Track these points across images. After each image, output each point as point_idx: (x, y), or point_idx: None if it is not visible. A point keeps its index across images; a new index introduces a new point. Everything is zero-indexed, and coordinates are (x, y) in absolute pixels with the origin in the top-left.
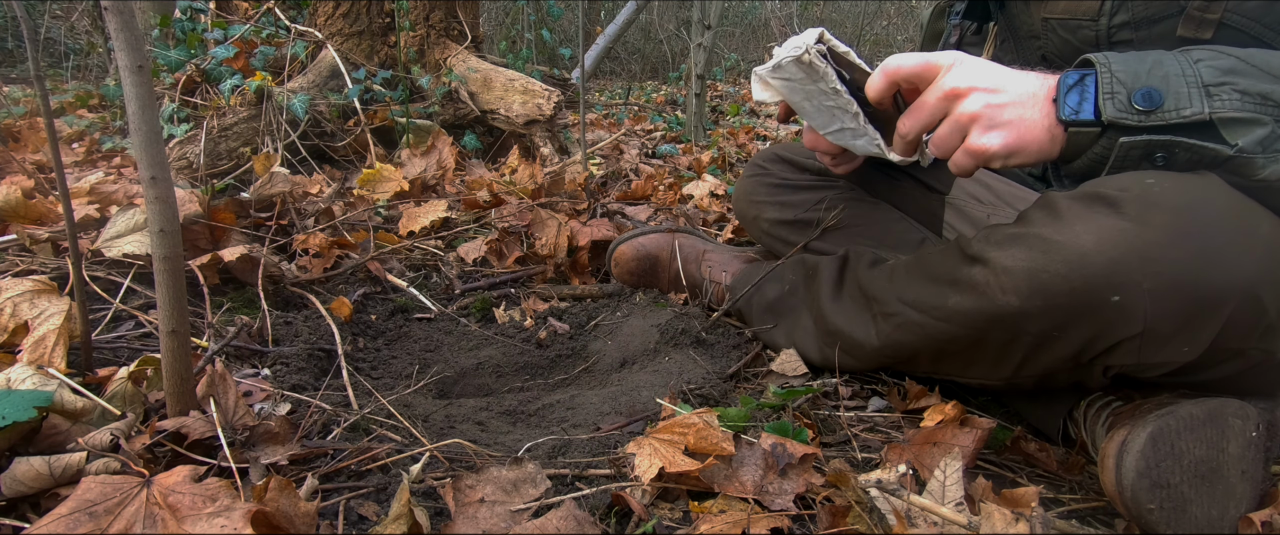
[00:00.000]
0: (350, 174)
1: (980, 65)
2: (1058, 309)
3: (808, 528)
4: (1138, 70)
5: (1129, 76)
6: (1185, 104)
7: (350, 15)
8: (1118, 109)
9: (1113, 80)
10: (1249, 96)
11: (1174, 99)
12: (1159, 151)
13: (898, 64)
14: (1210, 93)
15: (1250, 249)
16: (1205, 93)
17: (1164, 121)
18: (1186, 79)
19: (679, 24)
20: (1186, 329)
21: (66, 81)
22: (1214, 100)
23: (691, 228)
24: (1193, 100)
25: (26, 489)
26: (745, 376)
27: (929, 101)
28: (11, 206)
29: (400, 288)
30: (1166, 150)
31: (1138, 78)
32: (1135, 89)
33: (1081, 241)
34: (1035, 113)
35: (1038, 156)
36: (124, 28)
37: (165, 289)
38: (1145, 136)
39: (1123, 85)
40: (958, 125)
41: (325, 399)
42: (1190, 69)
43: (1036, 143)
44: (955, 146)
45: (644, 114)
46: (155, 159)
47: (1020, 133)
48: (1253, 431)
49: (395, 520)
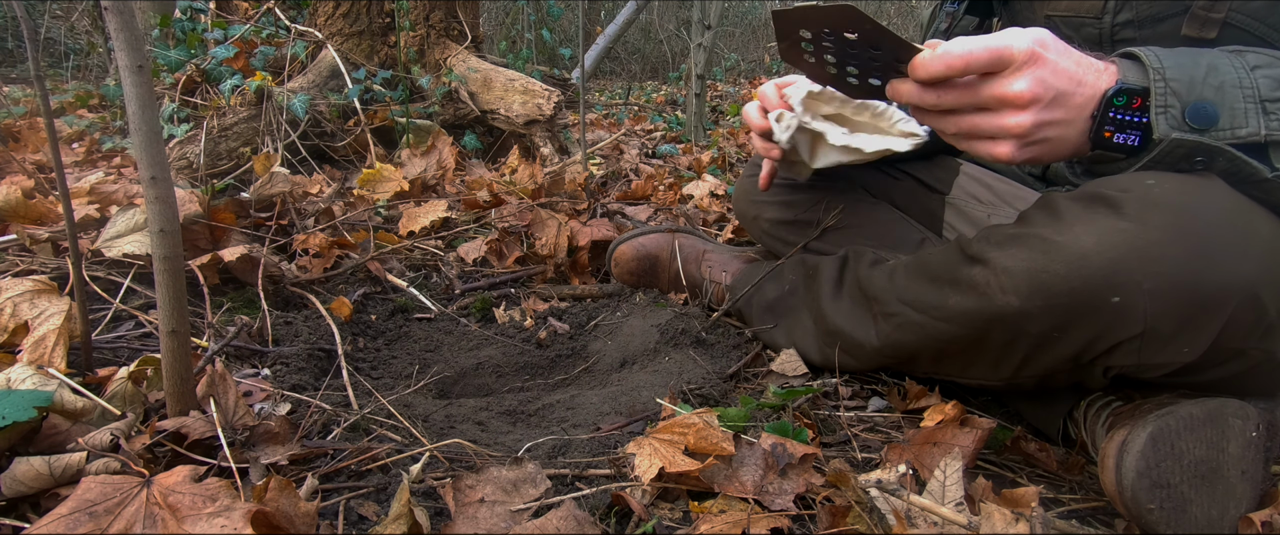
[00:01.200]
0: (350, 174)
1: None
2: (1058, 309)
3: (808, 528)
4: (1193, 77)
5: (1184, 87)
6: (1241, 123)
7: (350, 15)
8: (1170, 125)
9: (1167, 92)
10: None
11: (1229, 116)
12: (1200, 155)
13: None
14: (1267, 110)
15: (1250, 249)
16: (1262, 110)
17: (1216, 140)
18: (1244, 92)
19: (679, 24)
20: (1187, 329)
21: (66, 81)
22: (1272, 118)
23: (691, 228)
24: (1249, 118)
25: (26, 489)
26: (745, 376)
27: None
28: (11, 206)
29: (400, 288)
30: (1208, 155)
31: (1193, 87)
32: (1189, 102)
33: (1082, 242)
34: (1074, 131)
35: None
36: (124, 28)
37: (165, 289)
38: (1193, 137)
39: (1177, 98)
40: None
41: (325, 399)
42: (1248, 78)
43: (1064, 154)
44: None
45: (644, 114)
46: (155, 159)
47: (1053, 149)
48: (1253, 431)
49: (395, 520)
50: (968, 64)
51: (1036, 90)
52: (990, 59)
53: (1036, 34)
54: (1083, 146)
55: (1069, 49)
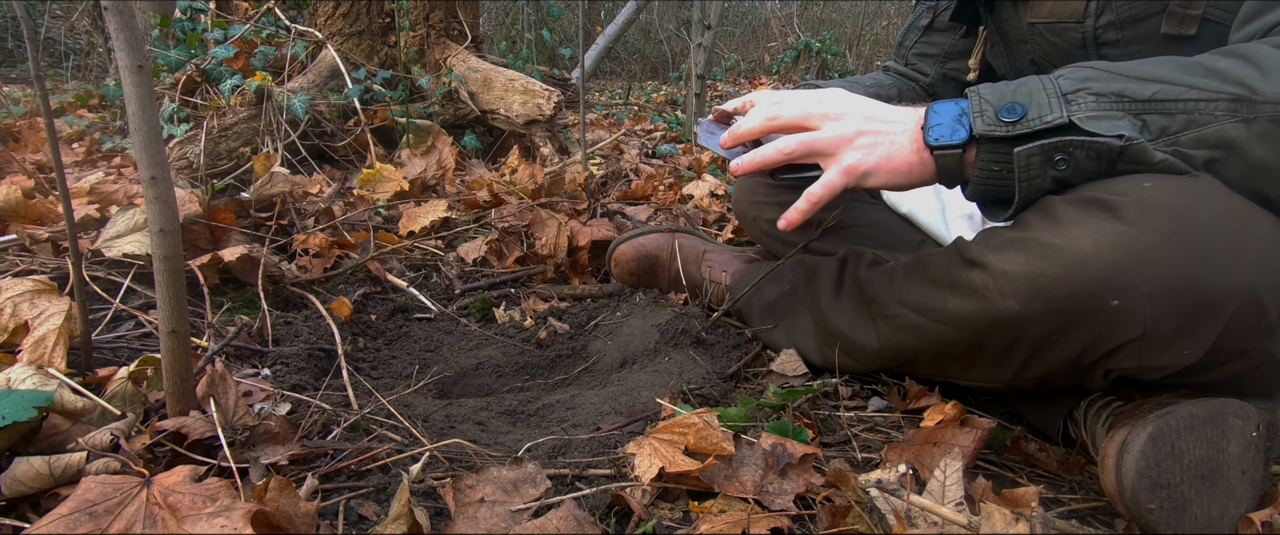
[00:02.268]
0: (350, 174)
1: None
2: (1057, 313)
3: (808, 528)
4: (1003, 91)
5: (996, 97)
6: (1047, 111)
7: (350, 15)
8: (986, 124)
9: (981, 101)
10: (1103, 97)
11: (1037, 109)
12: (1057, 154)
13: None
14: (1068, 99)
15: (1249, 251)
16: (1063, 100)
17: (1028, 128)
18: (1047, 91)
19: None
20: (1187, 332)
21: (66, 81)
22: (1071, 105)
23: (691, 228)
24: (1053, 108)
25: (26, 489)
26: (745, 376)
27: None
28: (11, 206)
29: (400, 288)
30: (1064, 151)
31: (1003, 97)
32: (1000, 105)
33: (1080, 246)
34: (904, 138)
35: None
36: (124, 28)
37: (165, 289)
38: (1040, 142)
39: (990, 104)
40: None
41: (325, 399)
42: (1051, 84)
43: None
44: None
45: (644, 114)
46: (155, 159)
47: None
48: (1253, 431)
49: (395, 520)
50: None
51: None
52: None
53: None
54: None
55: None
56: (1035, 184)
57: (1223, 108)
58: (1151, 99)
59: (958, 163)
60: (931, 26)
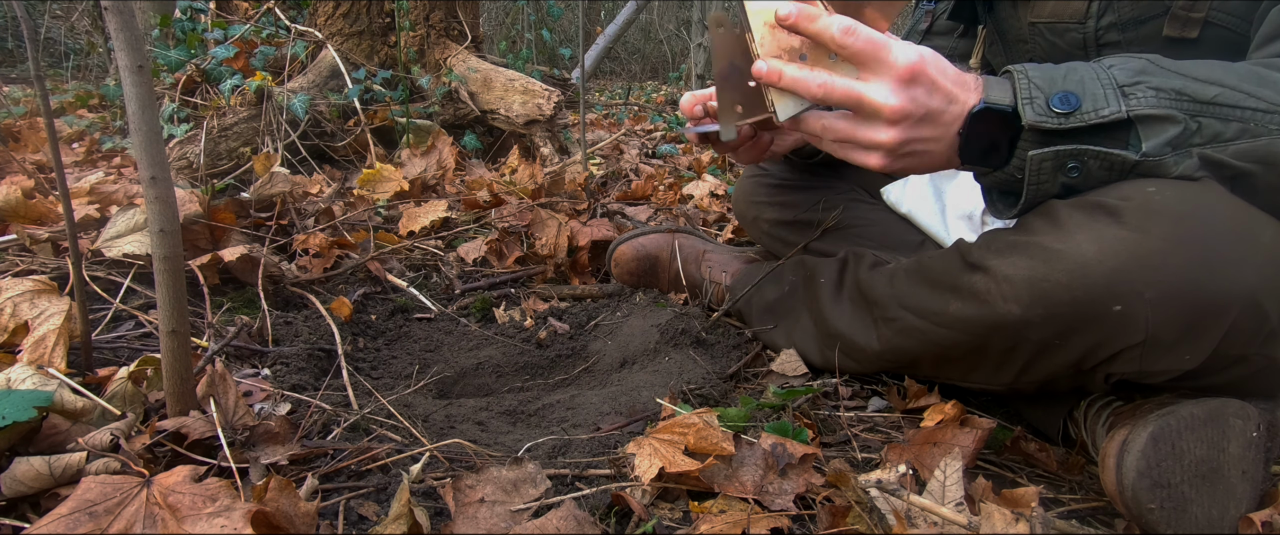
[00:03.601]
0: (350, 174)
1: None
2: (1059, 318)
3: (808, 528)
4: (1052, 75)
5: (1045, 82)
6: (1103, 104)
7: (350, 15)
8: (1037, 113)
9: (1030, 86)
10: (1163, 92)
11: (1092, 100)
12: (1071, 162)
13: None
14: (1125, 92)
15: (1251, 256)
16: (1120, 93)
17: (1083, 122)
18: (1101, 81)
19: (679, 24)
20: (1189, 337)
21: (66, 81)
22: (1130, 99)
23: (691, 228)
24: (1109, 100)
25: (26, 489)
26: (745, 376)
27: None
28: (11, 206)
29: (400, 288)
30: (1078, 159)
31: (1054, 83)
32: (1053, 93)
33: (1083, 250)
34: (943, 146)
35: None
36: (124, 28)
37: (165, 289)
38: (1054, 148)
39: (1040, 90)
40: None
41: (325, 399)
42: (1104, 73)
43: (933, 168)
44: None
45: (644, 114)
46: (155, 159)
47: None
48: (1253, 432)
49: (395, 520)
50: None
51: (907, 107)
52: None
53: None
54: (952, 160)
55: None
56: (1044, 189)
57: (1278, 121)
58: (1212, 102)
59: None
60: (931, 30)
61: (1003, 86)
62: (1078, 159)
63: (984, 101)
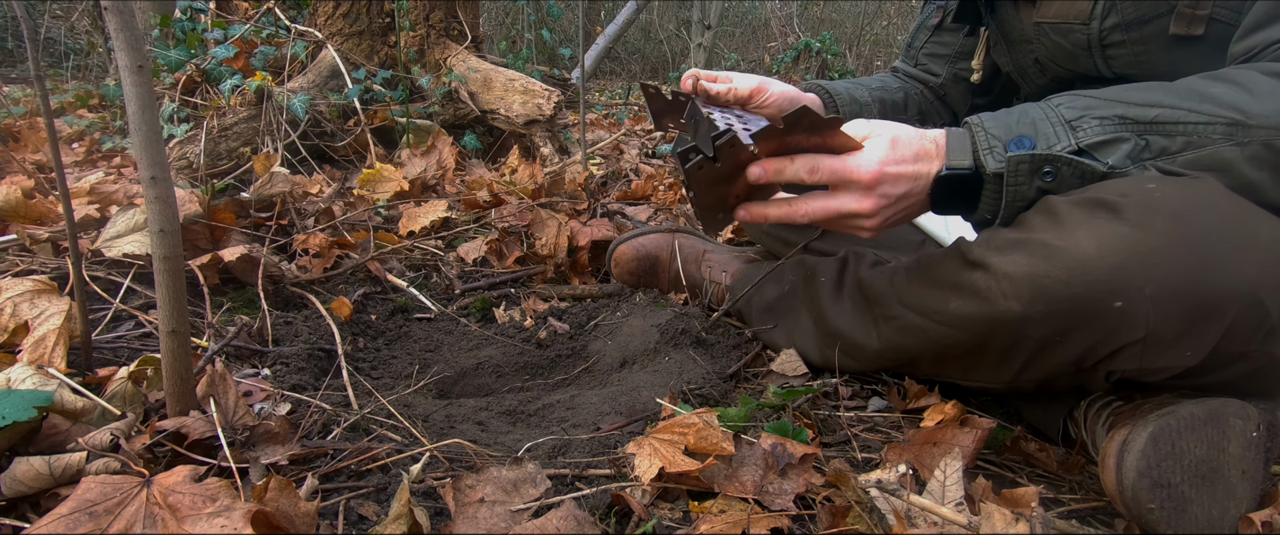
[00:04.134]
0: (350, 174)
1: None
2: (1060, 315)
3: (808, 528)
4: (1007, 123)
5: (1001, 130)
6: (1054, 141)
7: (350, 15)
8: (997, 161)
9: (987, 136)
10: (1107, 120)
11: (1044, 140)
12: (1046, 166)
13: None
14: (1073, 127)
15: (1252, 253)
16: (1069, 128)
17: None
18: (1051, 120)
19: (679, 24)
20: (1189, 334)
21: (66, 81)
22: (1078, 132)
23: (691, 228)
24: (1060, 136)
25: (26, 489)
26: (745, 376)
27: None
28: (11, 206)
29: (400, 288)
30: (1052, 164)
31: (1009, 129)
32: (1008, 139)
33: (1083, 247)
34: (917, 204)
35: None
36: (124, 28)
37: (165, 289)
38: (1028, 151)
39: (997, 139)
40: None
41: (325, 399)
42: (1052, 112)
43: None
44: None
45: (644, 114)
46: (155, 159)
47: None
48: (1253, 431)
49: (395, 520)
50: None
51: (879, 203)
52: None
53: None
54: (925, 206)
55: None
56: (1021, 192)
57: (1219, 131)
58: (1154, 122)
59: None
60: (941, 26)
61: (963, 143)
62: (1052, 163)
63: (946, 167)
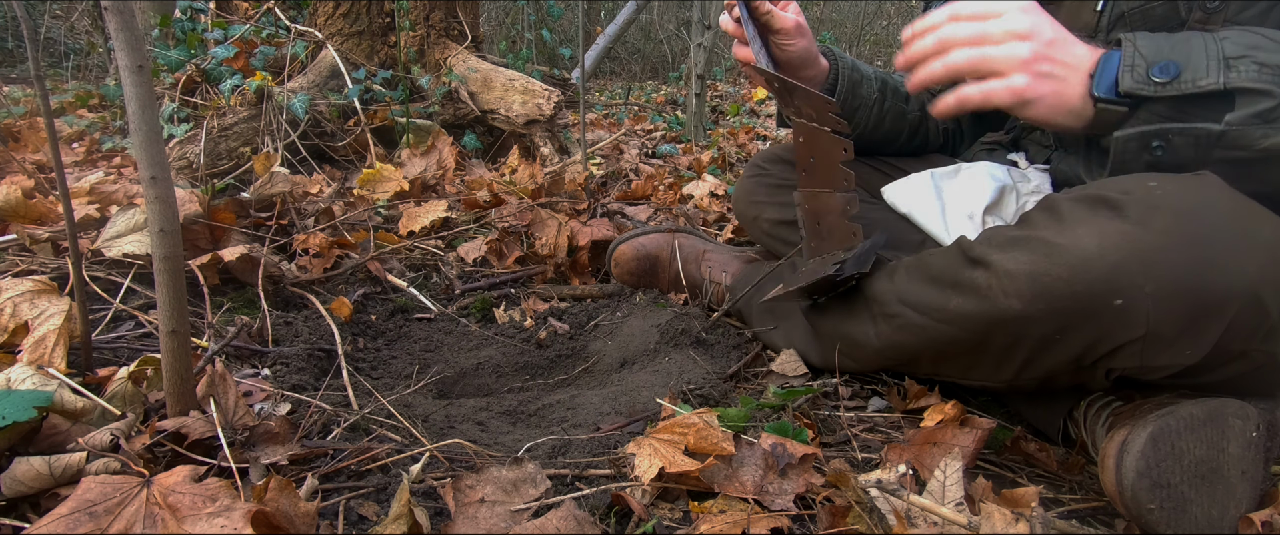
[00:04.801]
0: (350, 174)
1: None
2: (1060, 312)
3: (808, 528)
4: (1160, 44)
5: (1151, 51)
6: (1202, 75)
7: (350, 15)
8: (1135, 81)
9: (1135, 54)
10: (1267, 68)
11: (1192, 71)
12: (1155, 141)
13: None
14: (1229, 65)
15: (1252, 251)
16: (1225, 65)
17: (1179, 91)
18: (1208, 52)
19: (679, 24)
20: (1189, 332)
21: (66, 81)
22: (1232, 72)
23: (691, 228)
24: (1211, 71)
25: (26, 489)
26: (745, 376)
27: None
28: (11, 206)
29: (400, 288)
30: (1162, 138)
31: (1160, 52)
32: (1155, 62)
33: (1084, 245)
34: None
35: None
36: (124, 28)
37: (165, 289)
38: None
39: (1143, 58)
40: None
41: (325, 399)
42: (1213, 45)
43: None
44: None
45: (644, 114)
46: (155, 159)
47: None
48: (1253, 431)
49: (395, 520)
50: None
51: (1035, 22)
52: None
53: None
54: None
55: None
56: (1129, 167)
57: None
58: None
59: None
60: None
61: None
62: (1162, 138)
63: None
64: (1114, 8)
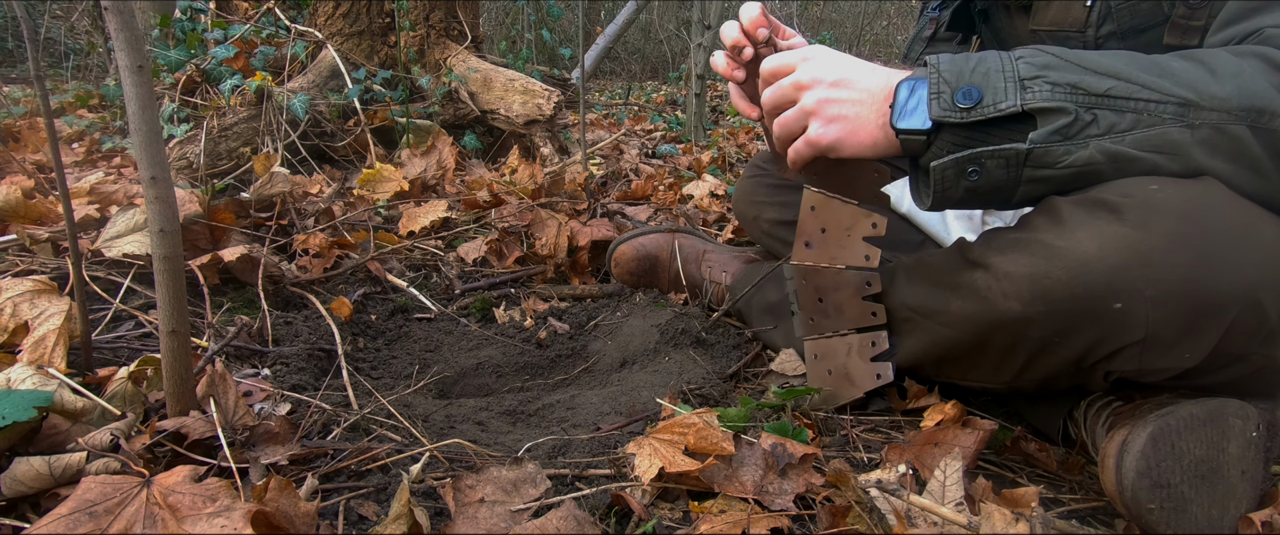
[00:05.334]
0: (350, 174)
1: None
2: (1060, 315)
3: (808, 528)
4: (962, 69)
5: (954, 76)
6: (1001, 98)
7: (350, 15)
8: (943, 108)
9: (939, 80)
10: (1059, 87)
11: (991, 94)
12: (970, 167)
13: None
14: (1025, 86)
15: (1252, 254)
16: (1021, 86)
17: (983, 116)
18: (1005, 74)
19: (679, 24)
20: (1189, 335)
21: (66, 81)
22: (1027, 92)
23: (691, 228)
24: (1008, 94)
25: (26, 489)
26: (745, 376)
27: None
28: (11, 206)
29: (400, 288)
30: (976, 163)
31: (961, 76)
32: (958, 88)
33: (1084, 248)
34: (871, 113)
35: (877, 153)
36: (124, 28)
37: (165, 289)
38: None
39: (948, 84)
40: (802, 114)
41: (325, 399)
42: (1010, 66)
43: (871, 140)
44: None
45: (644, 114)
46: (155, 159)
47: (853, 128)
48: (1253, 431)
49: (395, 520)
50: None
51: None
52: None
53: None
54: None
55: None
56: (949, 194)
57: (1170, 111)
58: (1105, 94)
59: (924, 146)
60: (935, 37)
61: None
62: (976, 162)
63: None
64: (1102, 6)
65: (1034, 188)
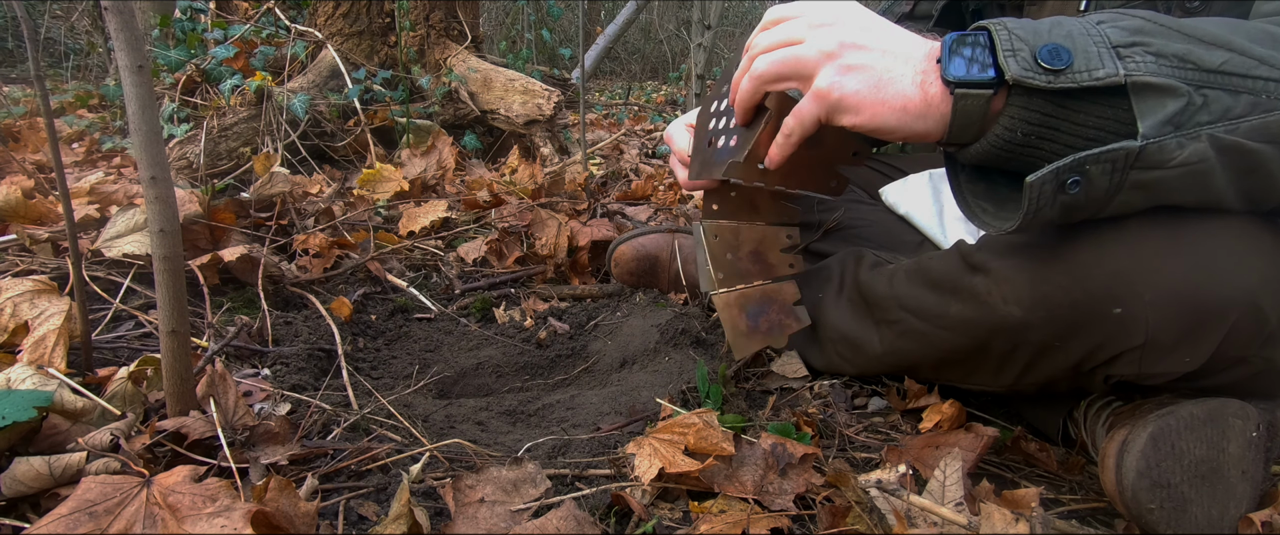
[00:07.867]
0: (350, 174)
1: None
2: (1060, 320)
3: (808, 528)
4: (1037, 29)
5: (1029, 34)
6: (1096, 64)
7: (350, 15)
8: (1022, 67)
9: (1011, 36)
10: (1164, 58)
11: (1084, 58)
12: (1071, 176)
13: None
14: (1120, 54)
15: (1251, 259)
16: (1115, 54)
17: (1075, 82)
18: (1093, 39)
19: (679, 24)
20: (1188, 340)
21: (66, 81)
22: (1127, 61)
23: (692, 228)
24: (1104, 61)
25: (26, 489)
26: (745, 376)
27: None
28: (11, 206)
29: (400, 288)
30: (1078, 172)
31: (1038, 35)
32: (1039, 45)
33: (1084, 253)
34: (905, 66)
35: (908, 124)
36: (124, 28)
37: (165, 289)
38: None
39: (1024, 42)
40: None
41: (325, 399)
42: (1094, 30)
43: (901, 102)
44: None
45: (644, 114)
46: (155, 159)
47: (878, 82)
48: (1253, 432)
49: (395, 520)
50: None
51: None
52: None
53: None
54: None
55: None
56: (1043, 214)
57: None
58: (1218, 70)
59: (981, 111)
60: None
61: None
62: (1078, 171)
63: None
64: (1095, 8)
65: (1133, 196)
